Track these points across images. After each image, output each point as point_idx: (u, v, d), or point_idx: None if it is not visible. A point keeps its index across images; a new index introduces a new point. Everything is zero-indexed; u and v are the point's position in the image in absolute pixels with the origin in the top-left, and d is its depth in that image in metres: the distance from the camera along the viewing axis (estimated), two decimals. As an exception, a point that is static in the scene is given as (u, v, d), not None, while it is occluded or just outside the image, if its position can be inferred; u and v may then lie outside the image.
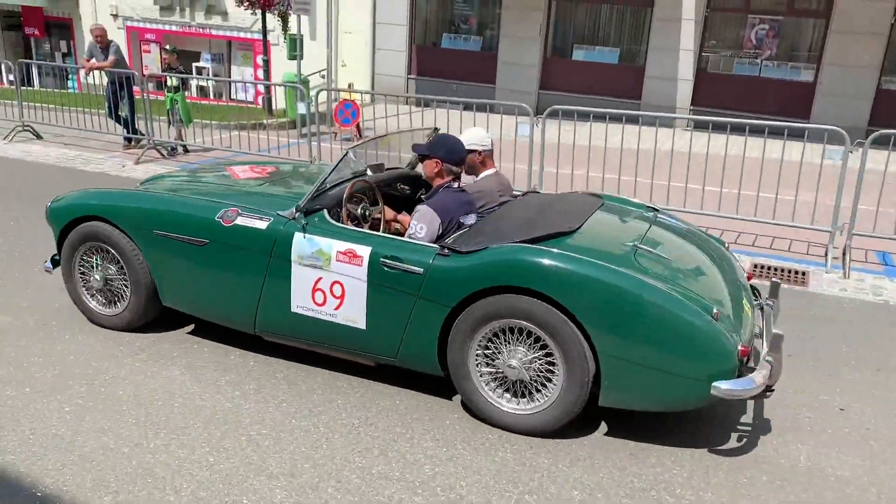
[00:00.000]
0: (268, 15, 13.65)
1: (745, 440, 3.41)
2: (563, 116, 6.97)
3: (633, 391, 3.19)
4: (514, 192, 4.40)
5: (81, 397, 3.51)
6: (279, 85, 12.76)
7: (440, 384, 3.71)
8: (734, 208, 6.69)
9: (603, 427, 3.45)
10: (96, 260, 4.18)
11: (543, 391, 3.30)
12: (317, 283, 3.61)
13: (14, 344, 4.02)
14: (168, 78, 10.04)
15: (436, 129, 4.70)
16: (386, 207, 4.16)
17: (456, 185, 3.83)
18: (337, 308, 3.60)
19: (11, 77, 11.41)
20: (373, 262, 3.47)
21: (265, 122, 11.62)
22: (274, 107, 13.67)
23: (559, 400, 3.24)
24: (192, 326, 4.25)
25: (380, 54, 15.53)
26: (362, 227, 3.79)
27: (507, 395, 3.40)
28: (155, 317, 4.21)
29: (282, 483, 2.93)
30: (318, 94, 9.32)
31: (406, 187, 4.59)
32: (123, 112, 9.99)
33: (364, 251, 3.50)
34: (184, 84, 10.42)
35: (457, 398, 3.64)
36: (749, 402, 3.71)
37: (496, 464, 3.14)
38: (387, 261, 3.45)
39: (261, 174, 4.66)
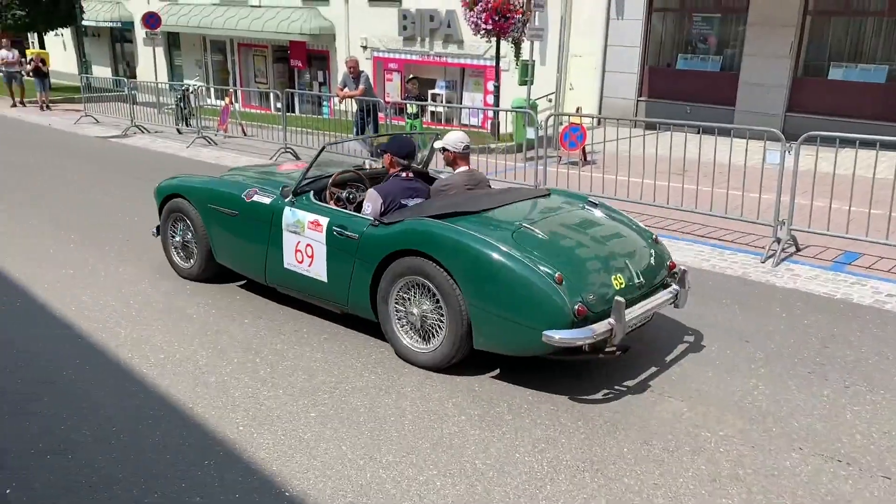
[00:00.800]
0: (501, 42, 14.04)
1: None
2: (820, 142, 6.24)
3: (493, 337, 3.89)
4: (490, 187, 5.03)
5: (325, 404, 3.78)
6: (510, 111, 13.03)
7: (667, 429, 3.45)
8: None
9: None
10: (179, 227, 5.55)
11: (437, 335, 4.07)
12: (297, 245, 4.68)
13: (270, 347, 4.47)
14: (408, 105, 10.73)
15: (436, 136, 5.38)
16: None
17: (404, 174, 4.70)
18: (309, 265, 4.63)
19: (279, 104, 12.96)
20: (329, 230, 4.50)
21: (491, 146, 11.93)
22: (502, 130, 14.01)
23: (445, 342, 4.02)
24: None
25: (609, 77, 15.26)
26: (347, 208, 4.71)
27: (418, 338, 4.18)
28: (215, 271, 5.44)
29: (505, 519, 2.88)
30: (547, 119, 9.35)
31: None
32: (368, 136, 10.85)
33: (324, 221, 4.54)
34: (422, 110, 11.06)
35: (685, 450, 3.34)
36: None
37: (739, 535, 2.81)
38: (336, 229, 4.45)
39: (298, 168, 5.82)
